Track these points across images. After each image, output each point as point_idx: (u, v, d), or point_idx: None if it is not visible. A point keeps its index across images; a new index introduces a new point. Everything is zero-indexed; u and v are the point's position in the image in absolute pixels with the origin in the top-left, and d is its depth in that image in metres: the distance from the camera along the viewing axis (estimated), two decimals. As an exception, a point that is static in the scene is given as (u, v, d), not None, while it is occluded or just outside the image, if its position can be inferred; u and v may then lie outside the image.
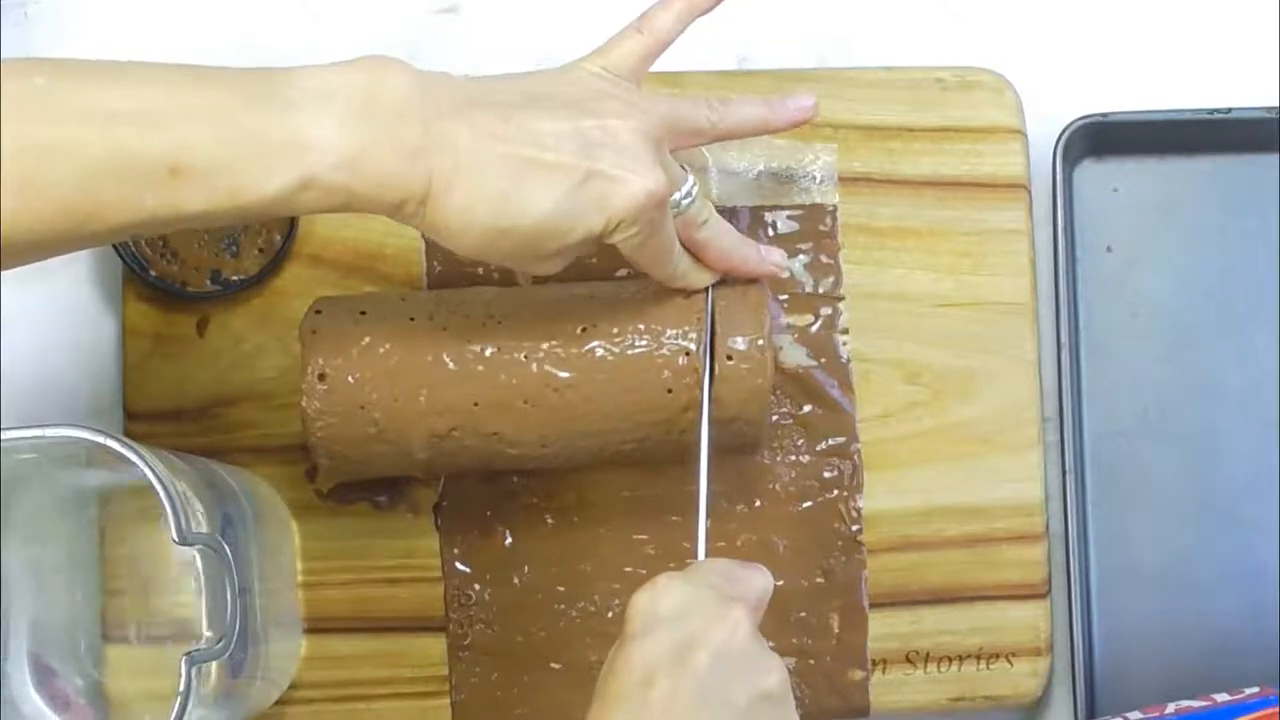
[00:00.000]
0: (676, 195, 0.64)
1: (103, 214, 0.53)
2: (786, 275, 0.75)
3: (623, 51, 0.65)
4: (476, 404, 0.67)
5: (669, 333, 0.68)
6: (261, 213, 0.55)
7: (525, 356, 0.67)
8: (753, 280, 0.69)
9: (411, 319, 0.68)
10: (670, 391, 0.68)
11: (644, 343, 0.68)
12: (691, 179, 0.65)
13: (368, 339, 0.67)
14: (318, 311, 0.69)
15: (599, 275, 0.76)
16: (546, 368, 0.67)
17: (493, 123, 0.58)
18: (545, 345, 0.67)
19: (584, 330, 0.68)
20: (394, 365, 0.67)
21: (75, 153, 0.52)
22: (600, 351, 0.67)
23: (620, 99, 0.62)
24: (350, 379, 0.67)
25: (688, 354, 0.67)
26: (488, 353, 0.67)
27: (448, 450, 0.69)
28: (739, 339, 0.68)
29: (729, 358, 0.68)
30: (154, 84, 0.54)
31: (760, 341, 0.68)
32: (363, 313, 0.68)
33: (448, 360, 0.67)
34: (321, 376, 0.67)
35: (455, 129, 0.57)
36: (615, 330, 0.68)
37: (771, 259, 0.70)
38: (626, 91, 0.63)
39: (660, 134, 0.62)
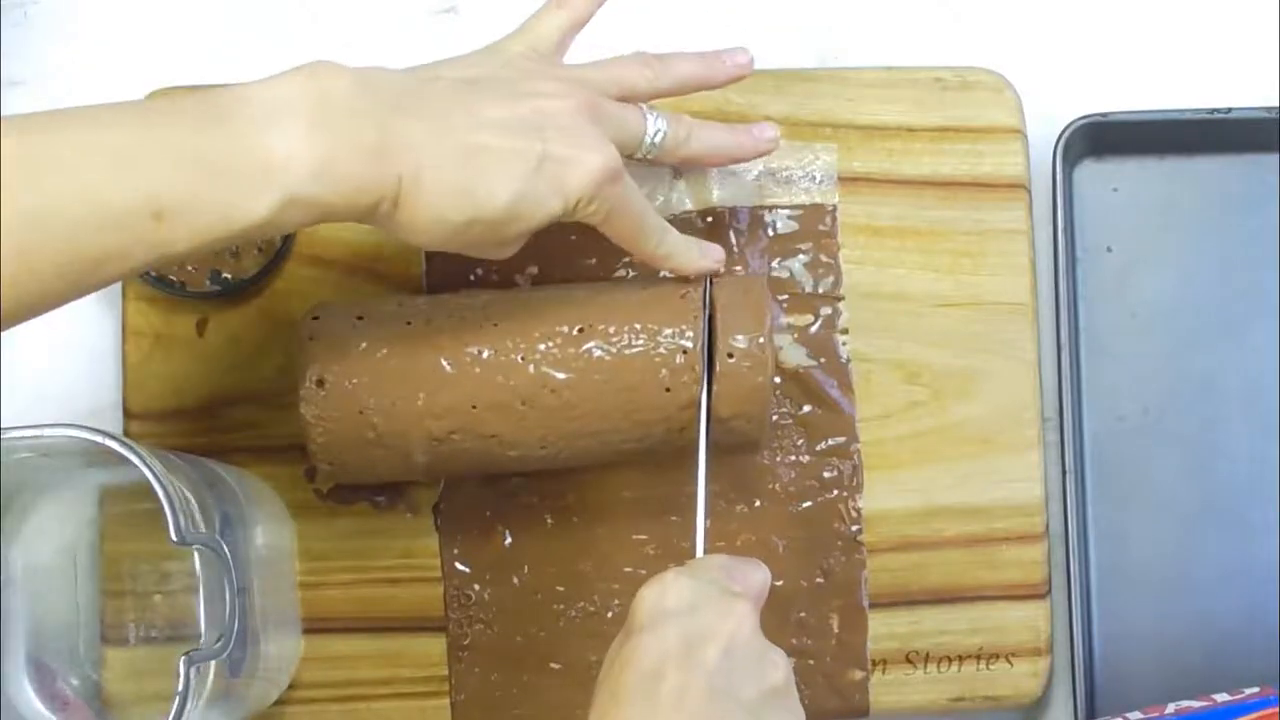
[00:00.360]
0: (646, 139, 0.66)
1: (97, 268, 0.53)
2: (778, 147, 0.74)
3: (544, 30, 0.66)
4: (474, 406, 0.67)
5: (666, 331, 0.68)
6: (247, 238, 0.56)
7: (522, 358, 0.67)
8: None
9: (408, 323, 0.68)
10: (668, 390, 0.68)
11: (641, 342, 0.68)
12: (652, 115, 0.66)
13: (365, 344, 0.67)
14: (315, 317, 0.69)
15: (598, 275, 0.76)
16: (543, 369, 0.67)
17: (443, 112, 0.59)
18: (542, 346, 0.67)
19: (580, 330, 0.68)
20: (392, 369, 0.67)
21: (60, 212, 0.52)
22: (597, 351, 0.67)
23: (552, 78, 0.63)
24: (348, 384, 0.67)
25: (685, 352, 0.67)
26: (484, 355, 0.67)
27: (447, 454, 0.69)
28: (740, 336, 0.68)
29: (730, 355, 0.68)
30: (116, 129, 0.54)
31: (761, 339, 0.68)
32: (359, 318, 0.69)
33: (445, 363, 0.67)
34: (320, 382, 0.67)
35: (408, 125, 0.58)
36: (612, 330, 0.68)
37: (765, 135, 0.71)
38: (555, 69, 0.65)
39: (598, 105, 0.63)
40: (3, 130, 0.52)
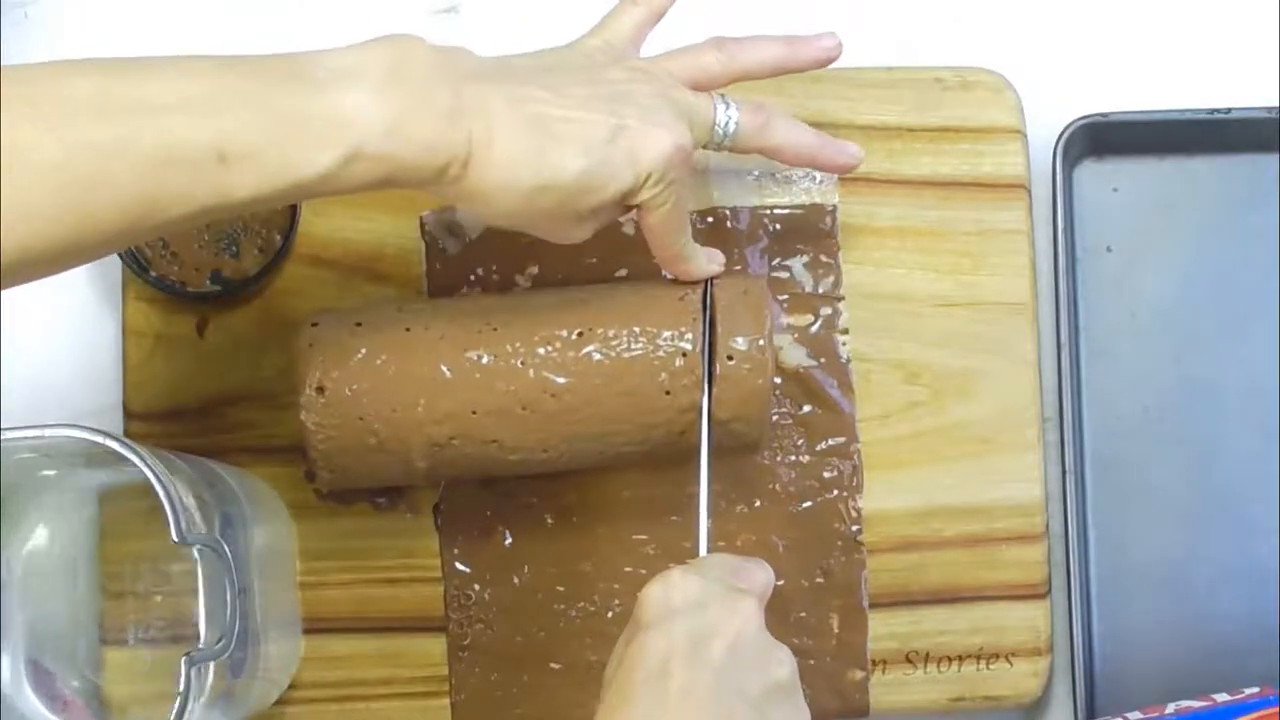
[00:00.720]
0: (718, 127, 0.66)
1: (158, 208, 0.53)
2: (859, 165, 0.73)
3: (620, 25, 0.67)
4: (475, 412, 0.67)
5: (665, 334, 0.68)
6: (309, 192, 0.56)
7: (521, 363, 0.67)
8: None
9: (407, 329, 0.68)
10: (668, 393, 0.68)
11: (640, 345, 0.68)
12: (724, 104, 0.67)
13: (364, 350, 0.67)
14: (314, 324, 0.69)
15: (598, 275, 0.76)
16: (543, 374, 0.67)
17: (519, 86, 0.59)
18: (541, 351, 0.67)
19: (580, 334, 0.68)
20: (391, 376, 0.67)
21: (129, 149, 0.52)
22: (597, 356, 0.67)
23: (626, 67, 0.64)
24: (348, 391, 0.67)
25: (685, 355, 0.67)
26: (484, 360, 0.67)
27: (448, 459, 0.69)
28: (740, 339, 0.68)
29: (729, 358, 0.68)
30: (191, 75, 0.54)
31: (761, 341, 0.68)
32: (359, 324, 0.69)
33: (444, 369, 0.67)
34: (320, 389, 0.67)
35: (485, 91, 0.58)
36: (611, 333, 0.68)
37: (850, 151, 0.71)
38: (629, 60, 0.65)
39: (669, 92, 0.64)
40: (83, 69, 0.53)
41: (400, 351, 0.68)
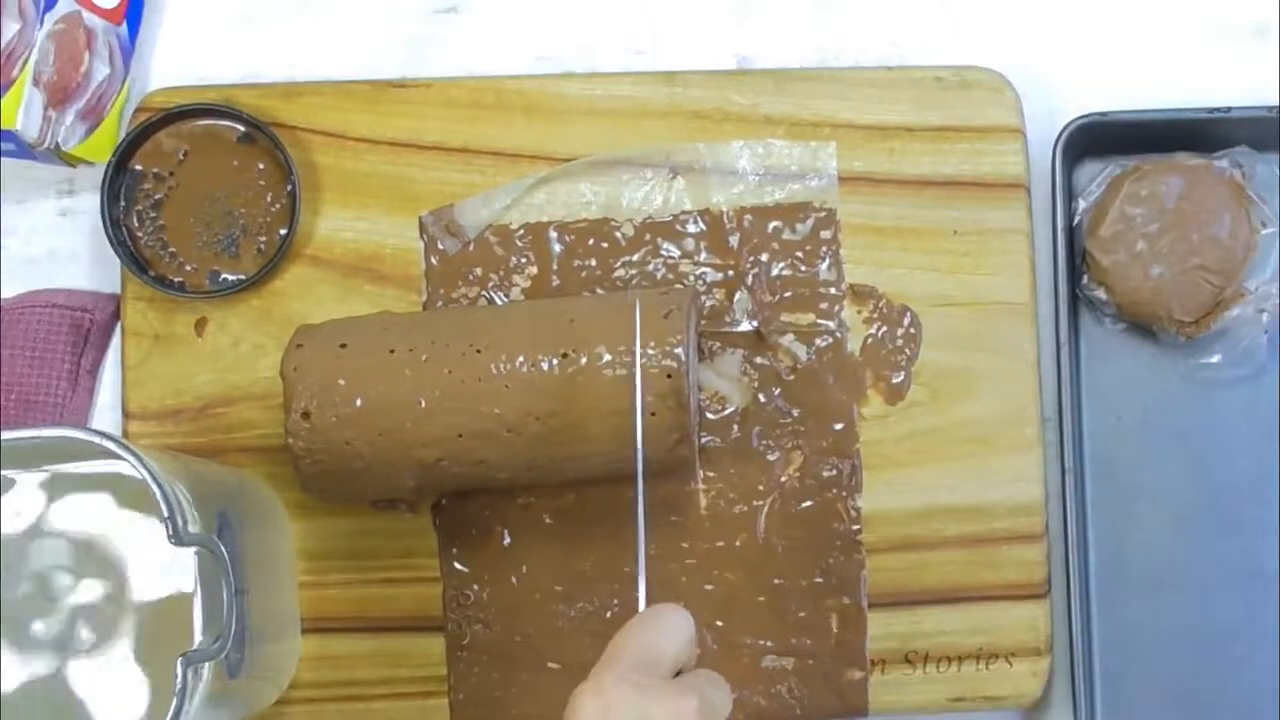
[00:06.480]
0: None
1: None
2: None
3: None
4: (460, 435, 0.67)
5: (649, 354, 0.67)
6: None
7: (506, 387, 0.67)
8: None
9: (392, 351, 0.68)
10: (654, 414, 0.67)
11: (625, 367, 0.67)
12: None
13: (349, 375, 0.67)
14: (299, 346, 0.69)
15: (596, 278, 0.76)
16: (527, 398, 0.67)
17: None
18: (526, 372, 0.67)
19: (565, 356, 0.67)
20: (376, 401, 0.67)
21: None
22: (581, 378, 0.67)
23: None
24: (334, 417, 0.67)
25: (670, 376, 0.67)
26: (469, 384, 0.67)
27: (437, 478, 0.69)
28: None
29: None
30: None
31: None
32: (343, 346, 0.68)
33: (429, 394, 0.67)
34: (305, 415, 0.67)
35: None
36: (595, 355, 0.67)
37: None
38: None
39: None
40: None
41: (384, 376, 0.67)
